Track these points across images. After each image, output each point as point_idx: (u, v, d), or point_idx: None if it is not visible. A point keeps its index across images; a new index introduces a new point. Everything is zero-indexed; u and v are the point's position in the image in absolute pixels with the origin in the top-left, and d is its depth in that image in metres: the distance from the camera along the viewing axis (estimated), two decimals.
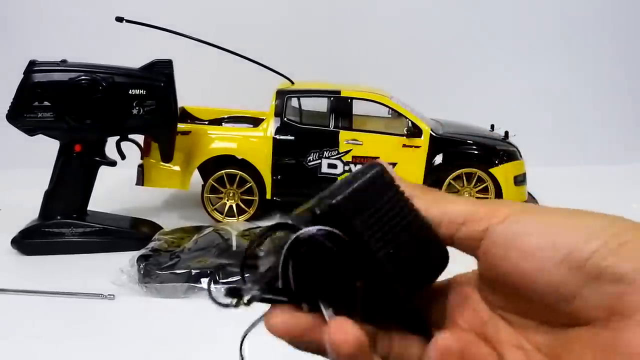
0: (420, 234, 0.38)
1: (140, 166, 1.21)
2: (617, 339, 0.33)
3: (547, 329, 0.37)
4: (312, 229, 0.35)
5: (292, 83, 1.29)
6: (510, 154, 1.26)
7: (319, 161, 1.21)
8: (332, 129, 1.22)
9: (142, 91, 1.04)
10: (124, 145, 1.12)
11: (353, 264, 0.35)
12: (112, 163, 1.10)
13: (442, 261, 0.38)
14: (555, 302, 0.35)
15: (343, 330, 0.33)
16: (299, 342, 0.36)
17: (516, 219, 0.37)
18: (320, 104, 1.30)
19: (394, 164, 1.22)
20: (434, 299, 0.41)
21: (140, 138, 1.16)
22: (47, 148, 1.08)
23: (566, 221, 0.36)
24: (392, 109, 1.25)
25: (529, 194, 1.32)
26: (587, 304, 0.34)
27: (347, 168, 1.22)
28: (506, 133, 1.29)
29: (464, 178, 1.24)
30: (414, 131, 1.23)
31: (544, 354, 0.37)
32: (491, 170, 1.22)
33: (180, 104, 1.12)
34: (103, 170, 1.10)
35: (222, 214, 1.23)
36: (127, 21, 1.10)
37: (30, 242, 1.05)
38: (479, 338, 0.38)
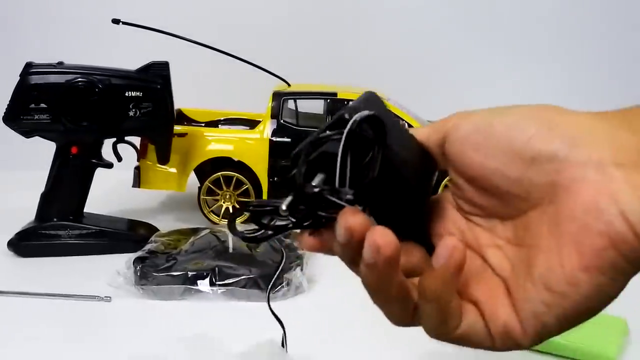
0: (415, 142, 0.45)
1: (137, 168, 1.21)
2: (561, 208, 0.38)
3: (510, 223, 0.43)
4: (363, 112, 0.41)
5: (289, 85, 1.29)
6: None
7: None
8: None
9: (138, 93, 1.05)
10: (121, 147, 1.12)
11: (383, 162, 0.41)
12: (109, 165, 1.10)
13: (433, 165, 0.46)
14: (507, 189, 0.42)
15: (386, 234, 0.38)
16: (357, 242, 0.39)
17: (465, 121, 0.43)
18: (316, 106, 1.31)
19: None
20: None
21: (136, 140, 1.16)
22: (43, 150, 1.08)
23: (505, 115, 0.42)
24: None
25: None
26: (532, 186, 0.40)
27: None
28: None
29: None
30: None
31: (514, 244, 0.43)
32: None
33: (176, 105, 1.12)
34: (99, 172, 1.10)
35: (218, 216, 1.23)
36: (124, 23, 1.10)
37: (26, 244, 1.05)
38: (465, 245, 0.42)
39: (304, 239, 0.45)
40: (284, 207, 0.42)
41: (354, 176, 0.41)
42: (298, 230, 0.44)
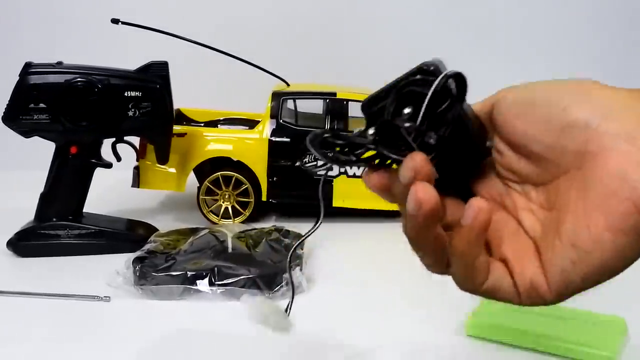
0: (473, 110, 0.49)
1: (136, 168, 1.21)
2: (590, 174, 0.42)
3: (542, 188, 0.47)
4: (452, 70, 0.45)
5: (288, 85, 1.29)
6: None
7: (315, 163, 1.21)
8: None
9: (137, 93, 1.04)
10: (120, 147, 1.12)
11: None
12: (108, 165, 1.10)
13: (485, 132, 0.50)
14: (542, 155, 0.46)
15: (428, 191, 0.42)
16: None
17: (510, 92, 0.48)
18: (316, 106, 1.31)
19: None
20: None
21: (136, 140, 1.16)
22: (42, 150, 1.08)
23: (545, 86, 0.47)
24: None
25: None
26: (565, 152, 0.44)
27: (342, 170, 1.22)
28: None
29: None
30: None
31: (545, 208, 0.47)
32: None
33: (176, 105, 1.12)
34: (99, 172, 1.10)
35: (217, 215, 1.23)
36: (123, 23, 1.10)
37: (25, 244, 1.05)
38: (498, 205, 0.50)
39: (370, 176, 0.48)
40: (371, 131, 0.46)
41: (430, 123, 0.45)
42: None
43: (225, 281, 0.89)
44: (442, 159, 0.46)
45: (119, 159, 1.12)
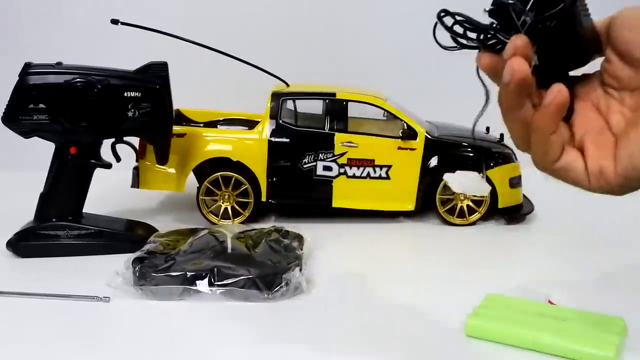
0: (592, 24, 0.56)
1: (136, 168, 1.21)
2: None
3: (637, 94, 0.55)
4: None
5: (287, 85, 1.29)
6: (505, 157, 1.27)
7: (314, 163, 1.21)
8: (327, 131, 1.22)
9: (137, 93, 1.04)
10: (119, 147, 1.12)
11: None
12: (108, 165, 1.10)
13: (599, 44, 0.56)
14: None
15: (522, 64, 0.51)
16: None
17: (627, 10, 0.54)
18: (315, 107, 1.31)
19: (389, 167, 1.22)
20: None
21: (135, 140, 1.16)
22: (42, 150, 1.08)
23: None
24: (388, 111, 1.25)
25: (524, 196, 1.33)
26: None
27: (342, 170, 1.22)
28: (501, 135, 1.29)
29: None
30: (410, 133, 1.23)
31: (634, 110, 0.55)
32: (486, 172, 1.22)
33: (175, 106, 1.11)
34: (98, 173, 1.10)
35: (217, 216, 1.23)
36: (123, 23, 1.10)
37: (25, 244, 1.05)
38: (593, 107, 0.58)
39: (482, 56, 0.57)
40: (487, 8, 0.54)
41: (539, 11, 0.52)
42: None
43: (224, 281, 0.89)
44: (546, 49, 0.54)
45: (118, 159, 1.12)
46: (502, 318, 0.80)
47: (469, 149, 1.25)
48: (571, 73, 0.59)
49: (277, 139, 1.22)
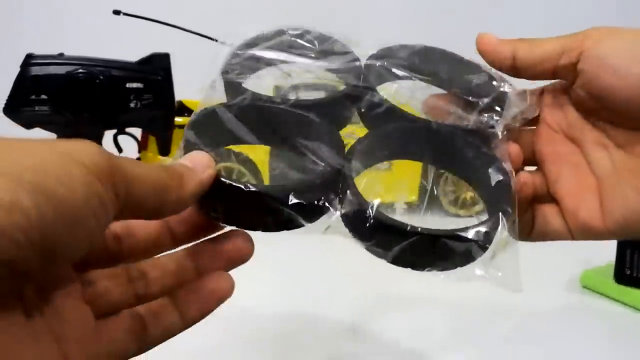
0: None
1: (138, 160, 1.21)
2: None
3: (626, 131, 0.45)
4: None
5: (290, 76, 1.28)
6: None
7: None
8: None
9: (139, 85, 1.04)
10: (122, 138, 1.12)
11: None
12: None
13: None
14: (636, 112, 0.44)
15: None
16: None
17: (605, 42, 0.44)
18: (318, 96, 1.30)
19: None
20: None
21: (137, 132, 1.16)
22: None
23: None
24: None
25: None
26: None
27: None
28: None
29: None
30: None
31: (624, 149, 0.46)
32: None
33: (177, 97, 1.11)
34: None
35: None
36: (125, 14, 1.10)
37: None
38: (565, 137, 0.49)
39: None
40: None
41: None
42: None
43: None
44: None
45: (120, 150, 1.12)
46: None
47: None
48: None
49: None
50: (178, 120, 1.18)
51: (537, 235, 0.49)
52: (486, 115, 0.50)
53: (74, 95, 1.01)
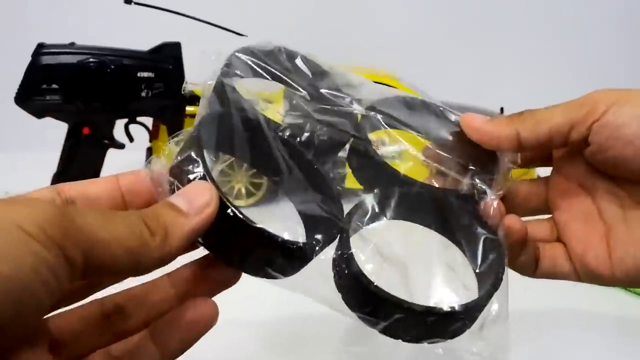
0: None
1: (149, 149, 1.21)
2: None
3: (638, 187, 0.45)
4: None
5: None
6: None
7: None
8: None
9: (150, 74, 1.04)
10: (133, 128, 1.12)
11: None
12: (121, 146, 1.10)
13: None
14: None
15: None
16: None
17: (614, 111, 0.43)
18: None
19: (399, 150, 1.21)
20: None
21: (148, 121, 1.16)
22: (55, 130, 1.08)
23: None
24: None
25: (538, 176, 1.32)
26: None
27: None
28: None
29: None
30: None
31: (637, 202, 0.45)
32: None
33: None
34: (111, 153, 1.10)
35: (230, 196, 1.23)
36: (136, 3, 1.10)
37: None
38: (577, 185, 0.48)
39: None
40: None
41: None
42: None
43: None
44: None
45: (131, 139, 1.12)
46: None
47: None
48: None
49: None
50: (189, 109, 1.18)
51: (543, 274, 0.48)
52: (479, 178, 0.49)
53: (85, 85, 1.01)
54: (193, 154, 0.40)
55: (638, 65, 1.76)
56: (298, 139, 0.49)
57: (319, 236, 0.43)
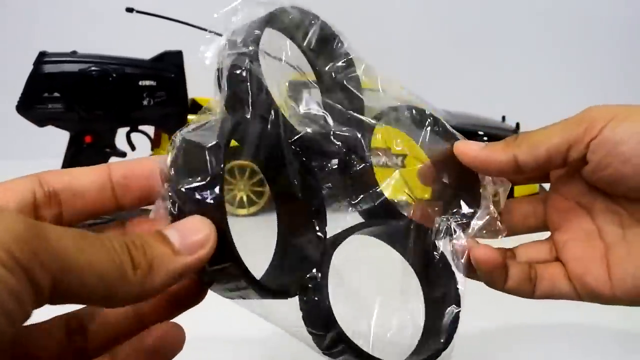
0: None
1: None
2: None
3: (639, 203, 0.44)
4: None
5: (304, 73, 1.28)
6: None
7: None
8: None
9: (152, 82, 1.04)
10: (134, 136, 1.12)
11: None
12: (122, 154, 1.10)
13: None
14: None
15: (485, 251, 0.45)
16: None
17: (611, 128, 0.42)
18: None
19: (405, 155, 1.21)
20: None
21: (150, 129, 1.16)
22: (57, 139, 1.08)
23: None
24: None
25: (540, 185, 1.32)
26: None
27: None
28: (517, 124, 1.28)
29: None
30: None
31: (637, 220, 0.44)
32: None
33: (190, 95, 1.11)
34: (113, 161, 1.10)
35: (232, 205, 1.23)
36: (138, 12, 1.10)
37: None
38: (576, 204, 0.47)
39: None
40: None
41: None
42: None
43: None
44: None
45: (133, 148, 1.12)
46: None
47: (485, 138, 1.24)
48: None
49: None
50: (191, 117, 1.18)
51: (542, 294, 0.47)
52: (455, 216, 0.49)
53: (86, 93, 1.01)
54: (204, 180, 0.35)
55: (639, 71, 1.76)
56: (306, 153, 0.47)
57: (304, 280, 0.41)
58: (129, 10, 1.10)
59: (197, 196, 0.35)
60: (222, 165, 0.36)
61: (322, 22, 0.52)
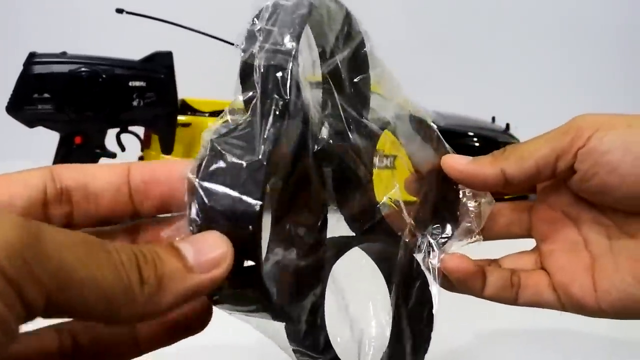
0: None
1: (141, 158, 1.21)
2: None
3: (625, 214, 0.44)
4: None
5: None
6: None
7: None
8: None
9: (142, 83, 1.04)
10: (124, 137, 1.12)
11: None
12: (112, 155, 1.09)
13: None
14: (634, 206, 0.43)
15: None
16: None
17: (599, 137, 0.42)
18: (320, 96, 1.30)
19: (394, 156, 1.22)
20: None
21: (140, 130, 1.16)
22: (46, 140, 1.08)
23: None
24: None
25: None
26: None
27: None
28: (507, 125, 1.29)
29: None
30: None
31: (622, 230, 0.44)
32: None
33: (180, 95, 1.11)
34: (103, 162, 1.10)
35: None
36: (128, 13, 1.10)
37: None
38: (562, 214, 0.47)
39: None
40: None
41: None
42: None
43: None
44: None
45: (123, 149, 1.12)
46: None
47: (475, 139, 1.24)
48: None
49: None
50: (181, 118, 1.18)
51: (525, 302, 0.47)
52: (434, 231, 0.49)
53: (76, 94, 1.01)
54: (241, 204, 0.31)
55: (634, 73, 1.76)
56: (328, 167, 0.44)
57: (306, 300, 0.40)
58: (119, 11, 1.10)
59: (231, 220, 0.31)
60: (263, 189, 0.32)
61: (353, 19, 0.50)
